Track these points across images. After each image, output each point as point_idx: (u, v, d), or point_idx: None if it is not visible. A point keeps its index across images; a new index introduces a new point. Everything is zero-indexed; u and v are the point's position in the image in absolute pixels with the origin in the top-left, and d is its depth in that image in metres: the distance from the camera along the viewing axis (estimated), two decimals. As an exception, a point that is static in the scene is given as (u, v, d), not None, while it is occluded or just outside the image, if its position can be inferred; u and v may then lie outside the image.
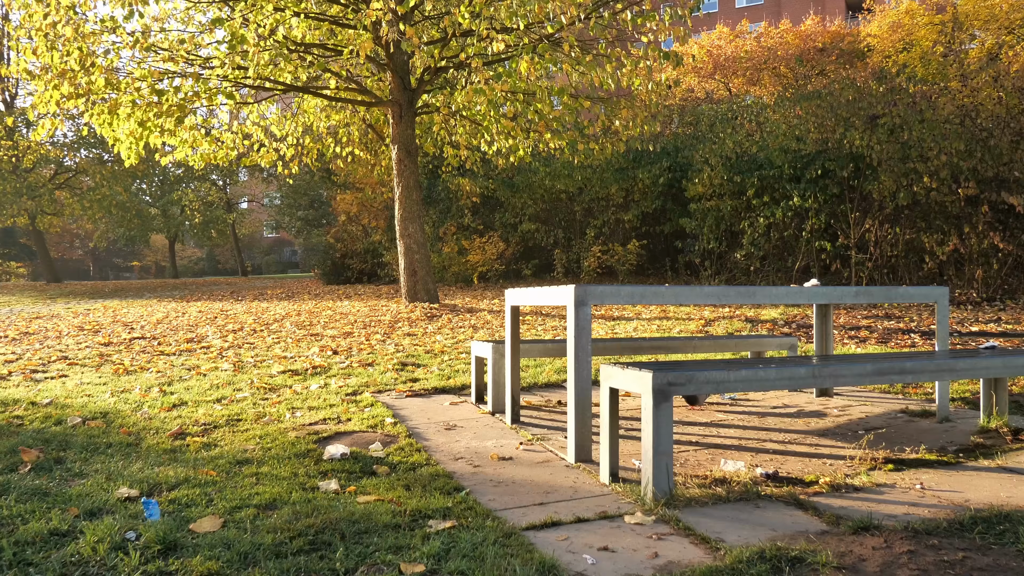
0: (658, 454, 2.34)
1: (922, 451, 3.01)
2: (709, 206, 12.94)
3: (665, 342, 4.17)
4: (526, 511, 2.36)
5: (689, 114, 20.54)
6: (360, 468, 2.89)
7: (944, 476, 2.68)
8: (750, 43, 27.95)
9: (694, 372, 2.38)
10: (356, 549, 2.05)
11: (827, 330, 4.20)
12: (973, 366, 2.77)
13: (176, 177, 32.23)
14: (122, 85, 8.54)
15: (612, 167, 15.73)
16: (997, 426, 3.26)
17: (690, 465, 2.89)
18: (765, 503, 2.40)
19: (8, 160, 21.06)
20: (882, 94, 10.55)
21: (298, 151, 13.66)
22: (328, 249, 23.18)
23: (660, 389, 2.34)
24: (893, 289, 3.37)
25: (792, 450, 3.11)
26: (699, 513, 2.29)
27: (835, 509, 2.33)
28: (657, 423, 2.34)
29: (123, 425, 3.72)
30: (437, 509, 2.36)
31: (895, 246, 10.57)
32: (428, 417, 3.83)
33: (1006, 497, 2.43)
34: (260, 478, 2.76)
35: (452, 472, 2.82)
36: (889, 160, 10.28)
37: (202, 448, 3.26)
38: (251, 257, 59.27)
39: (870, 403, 4.07)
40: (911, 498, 2.44)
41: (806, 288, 3.18)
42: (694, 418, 3.78)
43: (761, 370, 2.46)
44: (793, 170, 11.72)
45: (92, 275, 64.63)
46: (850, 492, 2.52)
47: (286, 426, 3.65)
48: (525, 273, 17.40)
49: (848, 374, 2.58)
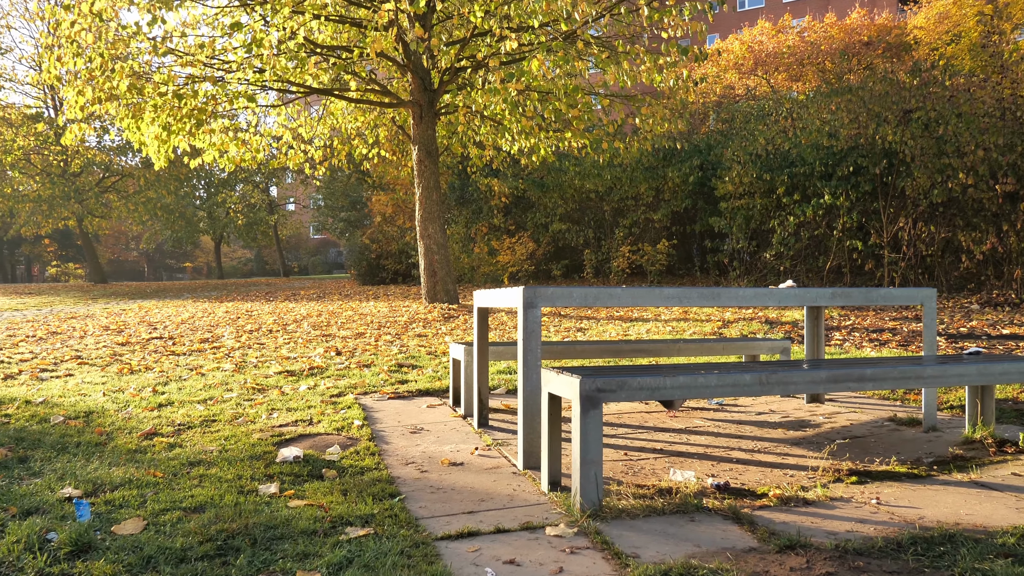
0: (586, 463, 2.25)
1: (893, 463, 2.84)
2: (739, 205, 12.65)
3: (647, 345, 4.05)
4: (452, 520, 2.29)
5: (725, 111, 20.13)
6: (308, 471, 2.87)
7: (907, 490, 2.53)
8: (792, 38, 27.32)
9: (626, 378, 2.28)
10: (262, 556, 2.02)
11: (818, 333, 4.03)
12: (943, 373, 2.61)
13: (221, 180, 33.00)
14: (146, 90, 8.74)
15: (641, 166, 15.52)
16: (982, 437, 3.07)
17: (643, 473, 2.79)
18: (702, 517, 2.28)
19: (57, 164, 21.83)
20: (916, 87, 10.15)
21: (326, 153, 13.82)
22: (363, 250, 23.42)
23: (588, 395, 2.25)
24: (874, 291, 3.20)
25: (758, 459, 2.98)
26: (625, 526, 2.19)
27: (775, 525, 2.21)
28: (585, 431, 2.25)
29: (100, 425, 3.77)
30: (360, 516, 2.31)
31: (930, 245, 10.17)
32: (399, 420, 3.80)
33: (965, 515, 2.27)
34: (203, 480, 2.75)
35: (396, 477, 2.77)
36: (923, 156, 9.88)
37: (165, 448, 3.28)
38: (298, 258, 60.35)
39: (861, 410, 3.89)
40: (862, 514, 2.30)
41: (775, 289, 3.04)
42: (669, 424, 3.66)
43: (701, 376, 2.35)
44: (824, 167, 11.37)
45: (147, 276, 66.60)
46: (799, 506, 2.39)
47: (256, 428, 3.65)
48: (555, 273, 17.30)
49: (799, 381, 2.45)
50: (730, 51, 28.59)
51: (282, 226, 38.81)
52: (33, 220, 22.93)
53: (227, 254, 61.42)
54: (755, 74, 27.88)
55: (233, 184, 33.90)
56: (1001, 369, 2.68)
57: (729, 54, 28.56)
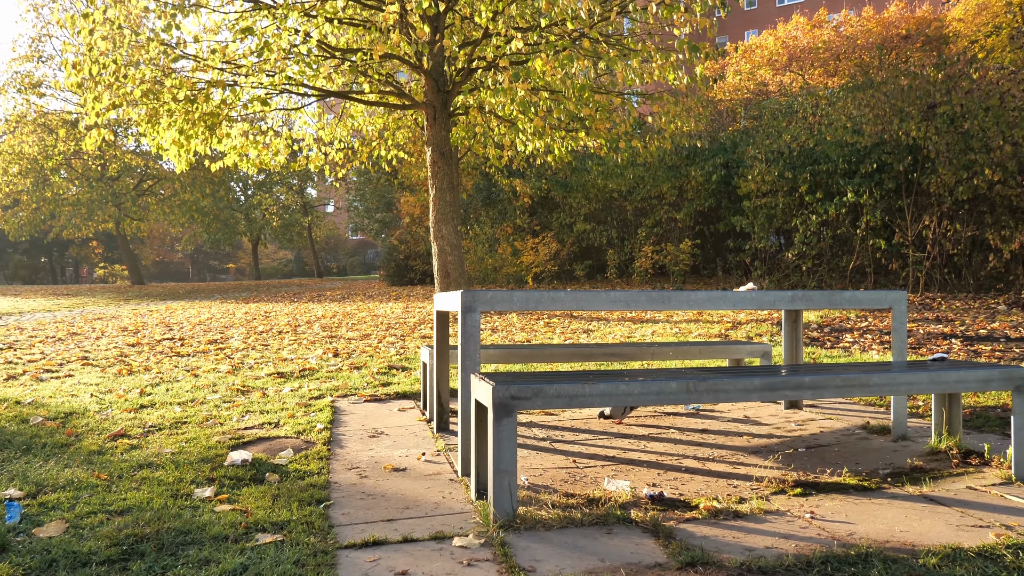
0: (499, 473, 2.20)
1: (845, 474, 2.73)
2: (761, 204, 12.40)
3: (620, 349, 3.97)
4: (367, 527, 2.27)
5: (754, 108, 19.77)
6: (252, 476, 2.87)
7: (850, 504, 2.42)
8: (828, 32, 26.72)
9: (542, 385, 2.22)
10: (164, 561, 2.02)
11: (796, 337, 3.90)
12: (891, 381, 2.49)
13: (257, 183, 33.58)
14: (162, 95, 8.92)
15: (664, 165, 15.32)
16: (947, 447, 2.92)
17: (584, 482, 2.72)
18: (621, 529, 2.22)
19: (96, 169, 22.47)
20: (941, 81, 9.81)
21: (347, 155, 13.94)
22: (392, 251, 23.59)
23: (501, 403, 2.20)
24: (837, 294, 3.08)
25: (709, 468, 2.89)
26: (535, 538, 2.13)
27: (694, 539, 2.13)
28: (498, 440, 2.20)
29: (75, 426, 3.83)
30: (277, 523, 2.30)
31: (956, 243, 9.82)
32: (364, 424, 3.79)
33: (899, 531, 2.16)
34: (144, 483, 2.77)
35: (333, 483, 2.76)
36: (948, 151, 9.56)
37: (126, 450, 3.32)
38: (336, 259, 61.10)
39: (838, 417, 3.75)
40: (791, 529, 2.21)
41: (729, 293, 2.95)
42: (633, 430, 3.58)
43: (624, 383, 2.28)
44: (848, 164, 11.07)
45: (191, 277, 68.10)
46: (728, 519, 2.30)
47: (221, 430, 3.67)
48: (577, 274, 17.19)
49: (731, 389, 2.36)
50: (764, 47, 28.10)
51: (317, 227, 39.34)
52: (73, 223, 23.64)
53: (269, 255, 62.46)
54: (789, 70, 27.35)
55: (270, 187, 34.48)
56: (957, 377, 2.55)
57: (763, 50, 28.07)
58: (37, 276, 53.23)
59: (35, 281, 52.30)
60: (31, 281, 52.10)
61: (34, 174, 21.95)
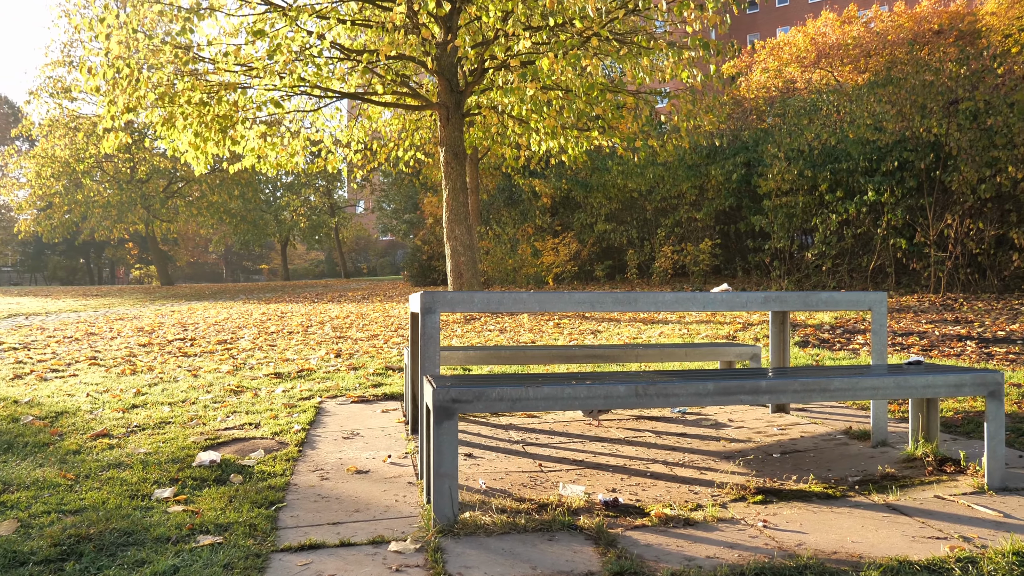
0: (439, 477, 2.17)
1: (811, 481, 2.65)
2: (780, 203, 12.19)
3: (602, 351, 3.92)
4: (311, 530, 2.25)
5: (778, 106, 19.46)
6: (216, 477, 2.88)
7: (808, 513, 2.34)
8: (858, 29, 26.21)
9: (484, 388, 2.19)
10: (100, 562, 2.03)
11: (784, 339, 3.81)
12: (853, 386, 2.40)
13: (285, 184, 33.98)
14: (177, 99, 9.05)
15: (684, 164, 15.15)
16: (923, 454, 2.82)
17: (545, 486, 2.68)
18: (564, 536, 2.17)
19: (125, 171, 22.94)
20: (964, 76, 9.54)
21: (367, 156, 14.02)
22: (416, 251, 23.69)
23: (441, 406, 2.17)
24: (814, 295, 3.00)
25: (675, 473, 2.83)
26: (473, 544, 2.10)
27: (636, 547, 2.08)
28: (438, 443, 2.17)
29: (61, 425, 3.89)
30: (223, 524, 2.30)
31: (980, 242, 9.55)
32: (343, 425, 3.78)
33: (850, 542, 2.08)
34: (107, 482, 2.79)
35: (293, 485, 2.75)
36: (971, 148, 9.29)
37: (105, 450, 3.36)
38: (366, 259, 61.59)
39: (823, 421, 3.65)
40: (738, 538, 2.14)
41: (699, 294, 2.88)
42: (610, 433, 3.52)
43: (569, 387, 2.24)
44: (868, 163, 10.83)
45: (225, 278, 69.17)
46: (678, 527, 2.24)
47: (201, 431, 3.70)
48: (597, 275, 17.08)
49: (682, 393, 2.30)
50: (792, 44, 27.66)
51: (345, 228, 39.69)
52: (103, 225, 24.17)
53: (301, 256, 63.16)
54: (818, 67, 26.89)
55: (298, 188, 34.88)
56: (925, 382, 2.46)
57: (791, 47, 27.64)
58: (75, 277, 54.54)
59: (73, 282, 53.59)
60: (69, 282, 53.40)
61: (66, 177, 22.51)
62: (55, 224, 23.56)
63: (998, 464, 2.49)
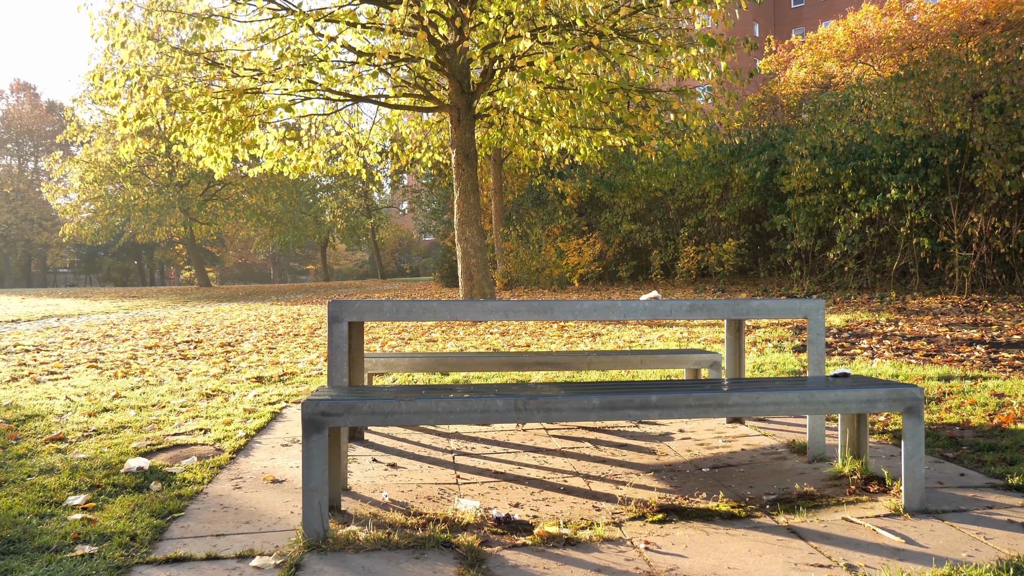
0: (308, 491, 2.14)
1: (721, 499, 2.54)
2: (802, 201, 11.87)
3: (553, 358, 3.84)
4: (191, 542, 2.25)
5: (810, 102, 18.97)
6: (137, 484, 2.90)
7: (700, 534, 2.24)
8: (899, 20, 25.39)
9: (355, 402, 2.15)
10: (-31, 572, 2.05)
11: (739, 347, 3.68)
12: (754, 401, 2.29)
13: (323, 186, 34.50)
14: (190, 105, 9.24)
15: (707, 163, 14.87)
16: (850, 471, 2.68)
17: (446, 499, 2.63)
18: (434, 554, 2.12)
19: (165, 175, 23.60)
20: (988, 68, 9.14)
21: (390, 157, 14.13)
22: (445, 252, 23.80)
23: (311, 419, 2.14)
24: (743, 303, 2.88)
25: (590, 488, 2.75)
26: (335, 561, 2.06)
27: (503, 568, 2.02)
28: (308, 457, 2.14)
29: (24, 429, 3.98)
30: (106, 533, 2.31)
31: (1007, 241, 9.14)
32: (289, 432, 3.79)
33: (726, 570, 1.98)
34: (27, 488, 2.84)
35: (204, 493, 2.76)
36: (996, 143, 8.90)
37: (51, 453, 3.42)
38: (409, 260, 62.16)
39: (773, 434, 3.51)
40: (613, 561, 2.06)
41: (619, 302, 2.80)
42: (549, 443, 3.45)
43: (444, 400, 2.18)
44: (892, 159, 10.47)
45: (272, 278, 70.55)
46: (557, 547, 2.17)
47: (151, 436, 3.74)
48: (621, 275, 16.89)
49: (565, 408, 2.23)
50: (832, 38, 26.94)
51: (383, 229, 40.10)
52: (143, 228, 24.90)
53: (345, 257, 64.02)
54: (857, 61, 26.14)
55: (336, 190, 35.38)
56: (833, 397, 2.33)
57: (830, 41, 26.92)
58: (128, 279, 56.33)
59: (126, 283, 55.36)
60: (122, 283, 55.19)
61: (109, 181, 23.29)
62: (98, 228, 24.42)
63: (916, 485, 2.35)
